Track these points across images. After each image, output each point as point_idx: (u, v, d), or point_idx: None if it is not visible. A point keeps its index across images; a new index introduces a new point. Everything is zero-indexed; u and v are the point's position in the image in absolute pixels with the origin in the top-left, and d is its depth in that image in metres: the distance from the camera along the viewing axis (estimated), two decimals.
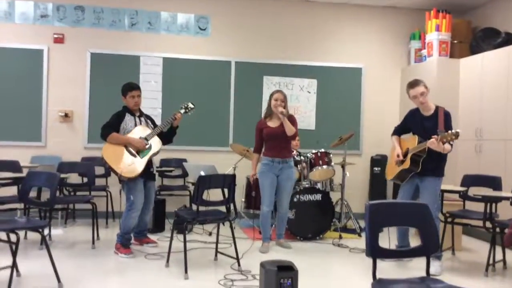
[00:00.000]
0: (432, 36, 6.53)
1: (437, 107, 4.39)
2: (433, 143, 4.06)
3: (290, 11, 7.04)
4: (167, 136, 4.90)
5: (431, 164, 4.29)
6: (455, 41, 6.60)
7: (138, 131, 4.72)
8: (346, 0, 7.01)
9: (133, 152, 4.65)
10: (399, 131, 4.70)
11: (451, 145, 4.22)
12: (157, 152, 4.77)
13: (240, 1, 6.94)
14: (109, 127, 4.66)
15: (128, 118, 4.77)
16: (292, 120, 5.00)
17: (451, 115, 4.34)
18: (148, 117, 5.02)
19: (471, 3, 6.86)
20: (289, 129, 4.90)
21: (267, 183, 4.98)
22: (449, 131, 4.01)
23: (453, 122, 4.31)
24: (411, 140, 4.46)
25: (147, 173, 4.76)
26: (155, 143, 4.73)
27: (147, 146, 4.68)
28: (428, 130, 4.23)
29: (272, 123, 5.04)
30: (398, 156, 4.49)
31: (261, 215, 5.07)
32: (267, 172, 4.99)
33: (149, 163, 4.78)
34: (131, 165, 4.58)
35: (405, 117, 4.70)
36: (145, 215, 4.98)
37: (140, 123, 4.82)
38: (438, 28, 6.47)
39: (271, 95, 5.05)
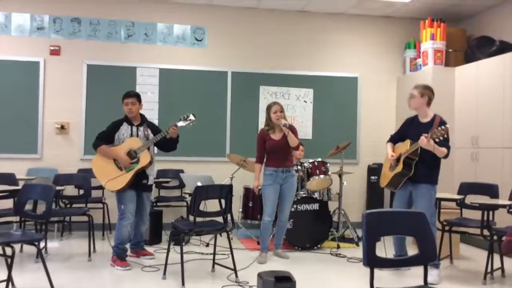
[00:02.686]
0: (427, 45, 6.56)
1: (435, 115, 4.42)
2: (423, 140, 4.09)
3: (286, 21, 7.08)
4: (168, 144, 4.86)
5: (424, 170, 4.31)
6: (450, 50, 6.64)
7: (130, 143, 4.70)
8: (342, 10, 7.06)
9: (120, 165, 4.66)
10: (394, 138, 4.72)
11: (448, 148, 4.22)
12: (148, 165, 4.68)
13: (236, 12, 6.97)
14: (100, 139, 4.71)
15: (124, 128, 4.78)
16: (292, 129, 5.04)
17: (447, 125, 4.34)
18: (150, 125, 4.96)
19: (466, 11, 6.91)
20: (293, 141, 4.94)
21: (271, 193, 4.99)
22: (439, 127, 4.04)
23: (449, 129, 4.30)
24: (403, 146, 4.48)
25: (140, 185, 4.75)
26: (144, 157, 4.65)
27: (134, 160, 4.64)
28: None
29: (275, 136, 5.06)
30: (392, 156, 4.49)
31: (262, 224, 5.05)
32: (272, 182, 4.99)
33: (142, 175, 4.74)
34: (116, 178, 4.59)
35: (402, 124, 4.74)
36: (140, 226, 4.96)
37: (137, 133, 4.79)
38: (433, 37, 6.51)
39: (269, 108, 5.07)
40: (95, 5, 6.62)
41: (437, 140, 4.07)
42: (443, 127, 4.04)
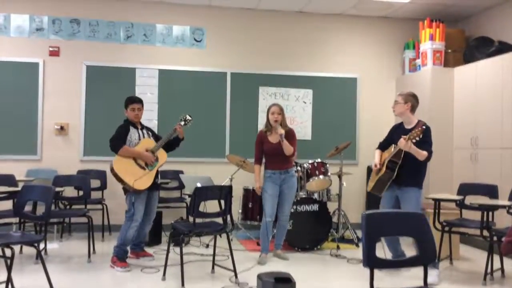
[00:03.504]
0: (426, 46, 6.57)
1: (418, 121, 4.50)
2: (401, 142, 4.20)
3: (285, 22, 7.08)
4: (172, 145, 4.96)
5: (409, 173, 4.34)
6: (449, 50, 6.64)
7: (144, 144, 4.77)
8: (341, 11, 7.06)
9: (142, 164, 4.71)
10: (383, 145, 4.77)
11: (430, 152, 4.28)
12: (164, 162, 4.85)
13: (235, 13, 6.97)
14: (119, 140, 4.70)
15: (132, 131, 4.84)
16: (291, 134, 5.05)
17: (430, 130, 4.39)
18: (148, 129, 5.07)
19: (464, 12, 6.92)
20: (288, 150, 4.93)
21: (271, 194, 4.98)
22: (416, 129, 4.15)
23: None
24: (388, 150, 4.53)
25: (152, 184, 4.79)
26: (161, 155, 4.81)
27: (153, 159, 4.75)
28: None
29: (272, 138, 5.05)
30: (376, 165, 4.56)
31: (262, 225, 5.05)
32: (271, 184, 4.99)
33: (155, 174, 4.83)
34: (142, 177, 4.63)
35: (389, 131, 4.81)
36: (145, 225, 4.98)
37: (144, 136, 4.88)
38: (432, 38, 6.51)
39: (268, 109, 5.07)
40: (94, 6, 6.62)
41: (413, 141, 4.15)
42: (419, 128, 4.15)
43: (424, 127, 4.20)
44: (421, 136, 4.15)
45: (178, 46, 6.85)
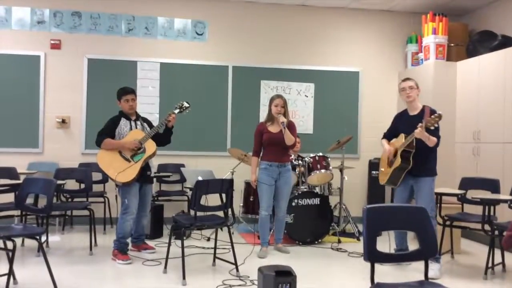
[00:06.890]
0: (429, 40, 6.54)
1: (423, 106, 4.45)
2: (419, 131, 4.11)
3: (287, 16, 7.05)
4: (163, 137, 4.88)
5: (423, 162, 4.31)
6: (452, 44, 6.61)
7: (132, 135, 4.73)
8: (343, 4, 7.03)
9: (127, 157, 4.65)
10: (388, 135, 4.74)
11: (438, 138, 4.25)
12: (152, 155, 4.76)
13: (237, 6, 6.95)
14: (102, 134, 4.69)
15: (123, 122, 4.79)
16: (291, 125, 5.02)
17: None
18: (145, 119, 5.02)
19: (468, 6, 6.88)
20: (289, 139, 4.90)
21: (266, 187, 4.97)
22: (432, 115, 4.06)
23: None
24: (398, 140, 4.48)
25: (143, 177, 4.76)
26: (149, 146, 4.71)
27: (140, 151, 4.67)
28: (416, 127, 4.24)
29: (273, 128, 5.04)
30: (389, 152, 4.50)
31: (259, 219, 5.06)
32: (266, 176, 4.97)
33: (146, 166, 4.78)
34: (125, 170, 4.58)
35: (393, 120, 4.77)
36: (142, 218, 4.97)
37: (136, 127, 4.83)
38: (434, 31, 6.48)
39: (271, 100, 5.05)
40: None
41: (432, 128, 4.10)
42: (436, 114, 4.04)
43: (440, 112, 4.04)
44: (438, 124, 4.09)
45: (180, 39, 6.83)
